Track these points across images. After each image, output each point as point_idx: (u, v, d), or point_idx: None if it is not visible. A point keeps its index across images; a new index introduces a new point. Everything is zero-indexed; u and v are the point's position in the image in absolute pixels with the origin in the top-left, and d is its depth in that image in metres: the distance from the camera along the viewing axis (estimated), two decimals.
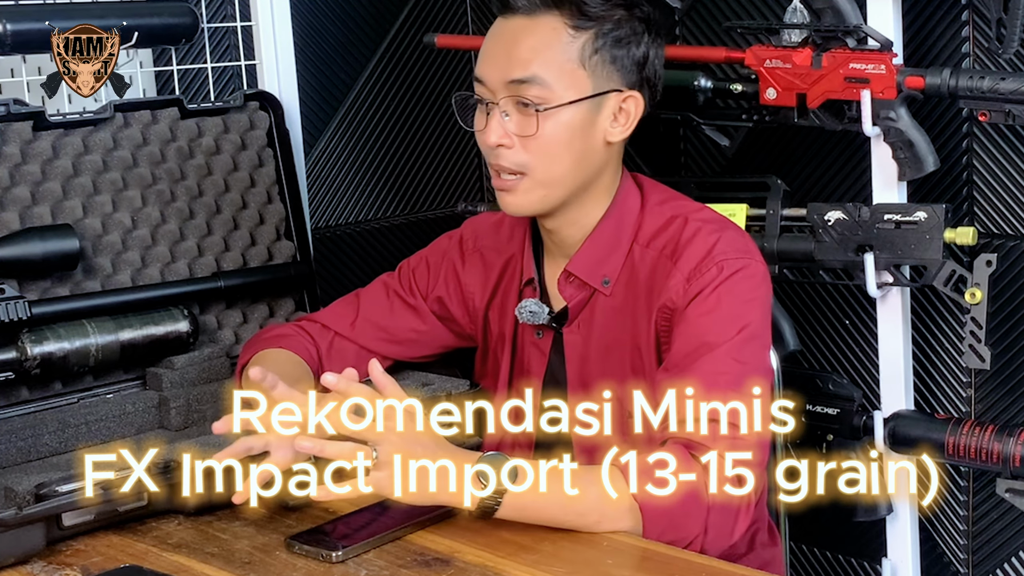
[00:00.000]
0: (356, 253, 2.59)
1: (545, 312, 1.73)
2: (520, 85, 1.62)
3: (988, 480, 2.14)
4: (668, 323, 1.65)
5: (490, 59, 1.66)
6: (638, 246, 1.70)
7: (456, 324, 1.87)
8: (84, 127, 1.94)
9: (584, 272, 1.71)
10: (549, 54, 1.62)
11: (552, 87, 1.62)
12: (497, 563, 1.39)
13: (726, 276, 1.61)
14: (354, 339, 1.85)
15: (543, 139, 1.62)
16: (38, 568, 1.44)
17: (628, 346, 1.70)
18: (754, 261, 1.65)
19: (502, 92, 1.63)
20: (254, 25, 2.22)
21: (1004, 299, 2.09)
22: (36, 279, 1.85)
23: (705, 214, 1.70)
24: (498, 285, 1.83)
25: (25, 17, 1.83)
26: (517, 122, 1.63)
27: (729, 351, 1.58)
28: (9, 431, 1.71)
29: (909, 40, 2.06)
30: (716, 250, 1.63)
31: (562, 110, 1.62)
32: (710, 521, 1.49)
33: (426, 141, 2.69)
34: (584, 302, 1.72)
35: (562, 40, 1.62)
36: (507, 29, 1.66)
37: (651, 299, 1.67)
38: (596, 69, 1.63)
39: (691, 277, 1.62)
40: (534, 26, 1.63)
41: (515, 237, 1.82)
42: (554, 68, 1.62)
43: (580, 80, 1.63)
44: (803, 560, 2.41)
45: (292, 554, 1.43)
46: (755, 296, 1.63)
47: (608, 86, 1.65)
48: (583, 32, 1.62)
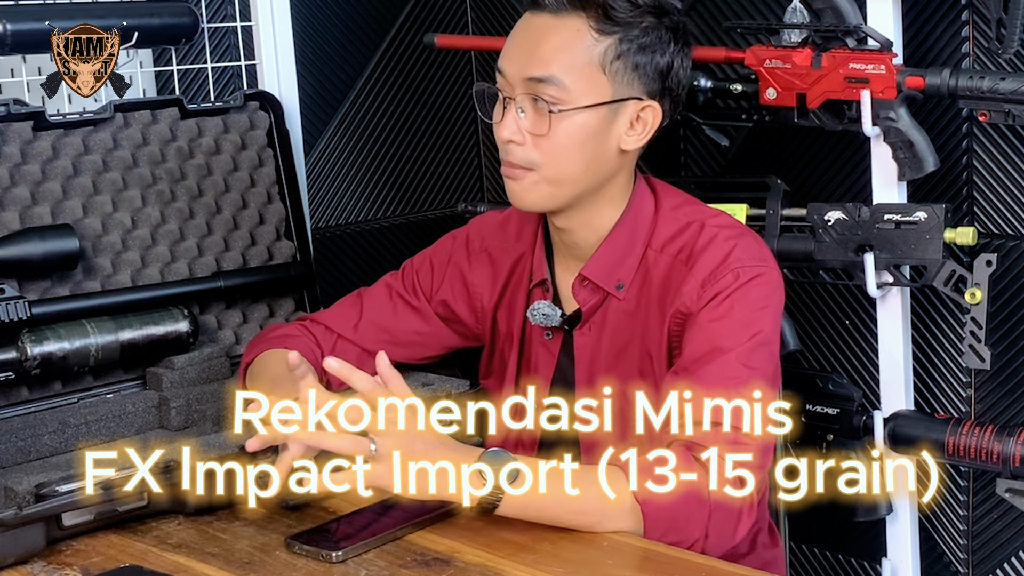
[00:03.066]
0: (356, 253, 2.59)
1: (558, 315, 1.73)
2: (538, 83, 1.61)
3: (988, 480, 2.14)
4: (681, 328, 1.64)
5: (513, 53, 1.65)
6: (652, 251, 1.69)
7: (461, 325, 1.87)
8: (84, 127, 1.94)
9: (599, 276, 1.70)
10: (570, 55, 1.61)
11: (569, 89, 1.60)
12: (497, 563, 1.39)
13: (742, 283, 1.61)
14: (357, 342, 1.84)
15: (554, 140, 1.62)
16: (38, 568, 1.44)
17: (639, 350, 1.70)
18: (770, 269, 1.65)
19: (520, 88, 1.62)
20: (254, 25, 2.22)
21: (1004, 299, 2.09)
22: (36, 279, 1.85)
23: (722, 219, 1.69)
24: (507, 284, 1.82)
25: (25, 17, 1.83)
26: (531, 120, 1.62)
27: (739, 356, 1.57)
28: (9, 431, 1.71)
29: (909, 40, 2.06)
30: (732, 257, 1.62)
31: (577, 113, 1.61)
32: (712, 523, 1.49)
33: (426, 141, 2.69)
34: (597, 305, 1.72)
35: (585, 42, 1.61)
36: (533, 25, 1.64)
37: (664, 304, 1.66)
38: (617, 75, 1.62)
39: (706, 283, 1.62)
40: (559, 25, 1.62)
41: (524, 236, 1.81)
42: (573, 70, 1.60)
43: (599, 84, 1.61)
44: (803, 560, 2.41)
45: (292, 554, 1.43)
46: (769, 304, 1.63)
47: (628, 93, 1.63)
48: (607, 36, 1.61)
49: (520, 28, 1.66)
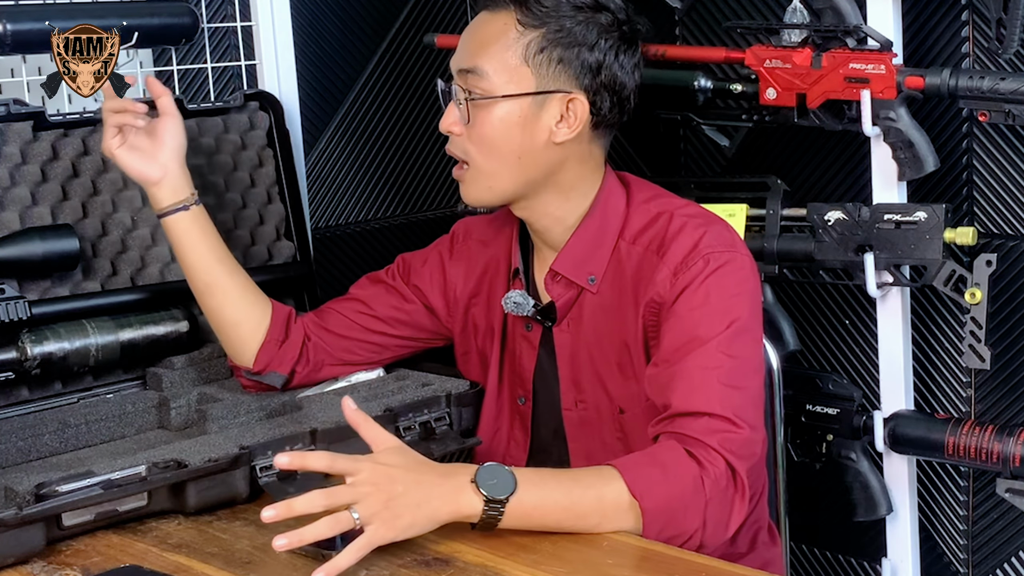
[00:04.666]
0: (356, 253, 2.59)
1: (530, 304, 1.74)
2: (467, 75, 1.68)
3: (988, 480, 2.14)
4: (656, 318, 1.65)
5: (457, 48, 1.72)
6: (624, 243, 1.71)
7: (434, 313, 1.89)
8: (84, 127, 1.94)
9: (569, 270, 1.72)
10: (494, 48, 1.66)
11: (492, 79, 1.66)
12: (497, 563, 1.39)
13: (713, 269, 1.62)
14: (339, 311, 1.89)
15: (479, 129, 1.67)
16: (38, 568, 1.44)
17: (617, 343, 1.71)
18: (740, 254, 1.66)
19: (457, 80, 1.69)
20: (254, 25, 2.22)
21: (1004, 299, 2.09)
22: (36, 279, 1.85)
23: (690, 209, 1.71)
24: (483, 277, 1.84)
25: (25, 17, 1.83)
26: (462, 111, 1.68)
27: (719, 345, 1.58)
28: (9, 431, 1.71)
29: (909, 40, 2.06)
30: (702, 244, 1.64)
31: (497, 103, 1.66)
32: (708, 512, 1.50)
33: (426, 141, 2.69)
34: (572, 301, 1.73)
35: (510, 36, 1.66)
36: (474, 22, 1.72)
37: (638, 295, 1.68)
38: (541, 68, 1.66)
39: (678, 271, 1.63)
40: (491, 20, 1.69)
41: (504, 232, 1.84)
42: (495, 61, 1.66)
43: (522, 77, 1.66)
44: (803, 560, 2.41)
45: (292, 554, 1.43)
46: (743, 290, 1.64)
47: (553, 86, 1.66)
48: (532, 30, 1.66)
49: (468, 26, 1.73)
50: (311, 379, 1.87)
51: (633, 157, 2.47)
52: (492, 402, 1.83)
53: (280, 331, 1.84)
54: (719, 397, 1.54)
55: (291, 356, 1.84)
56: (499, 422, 1.83)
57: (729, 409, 1.54)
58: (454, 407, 1.82)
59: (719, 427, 1.53)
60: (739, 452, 1.53)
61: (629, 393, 1.69)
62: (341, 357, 1.87)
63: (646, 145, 2.44)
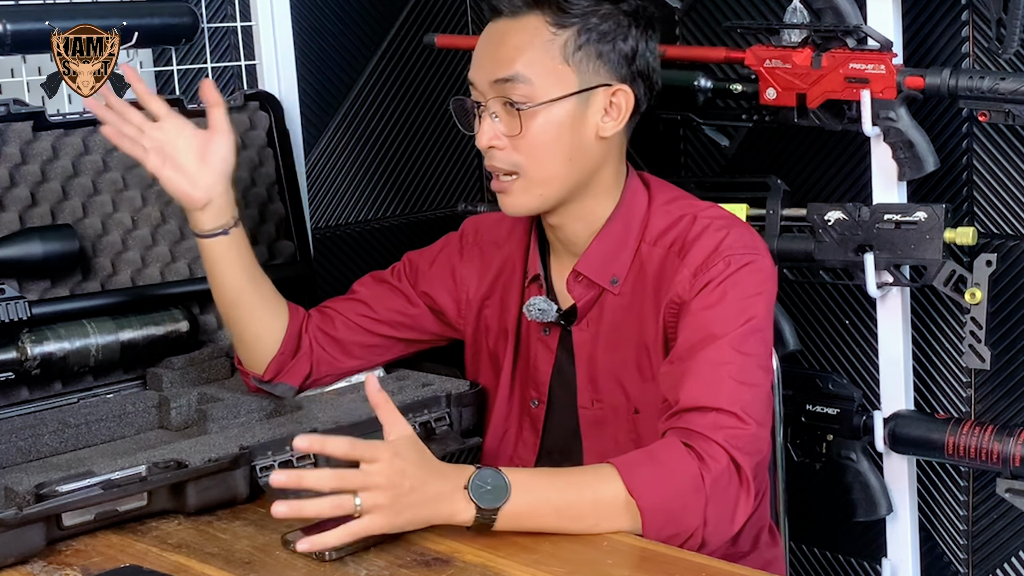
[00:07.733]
0: (356, 253, 2.59)
1: (554, 310, 1.74)
2: (505, 84, 1.64)
3: (988, 480, 2.14)
4: (675, 318, 1.65)
5: (478, 61, 1.68)
6: (646, 244, 1.70)
7: (443, 316, 1.88)
8: (84, 127, 1.94)
9: (593, 272, 1.71)
10: (531, 52, 1.64)
11: (535, 85, 1.63)
12: (497, 563, 1.39)
13: (733, 270, 1.62)
14: (341, 311, 1.87)
15: (530, 138, 1.64)
16: (38, 568, 1.44)
17: (636, 344, 1.70)
18: (761, 256, 1.66)
19: (490, 92, 1.65)
20: (254, 25, 2.22)
21: (1004, 299, 2.09)
22: (36, 279, 1.85)
23: (713, 211, 1.71)
24: (497, 280, 1.83)
25: (25, 17, 1.82)
26: (505, 122, 1.65)
27: (731, 342, 1.58)
28: (9, 431, 1.71)
29: (909, 40, 2.06)
30: (724, 245, 1.64)
31: (546, 108, 1.64)
32: (709, 511, 1.49)
33: (426, 141, 2.69)
34: (593, 301, 1.73)
35: (544, 38, 1.64)
36: (494, 31, 1.68)
37: (659, 296, 1.67)
38: (581, 65, 1.64)
39: (698, 271, 1.63)
40: (517, 26, 1.65)
41: (516, 233, 1.83)
42: (536, 66, 1.63)
43: (565, 77, 1.64)
44: (803, 560, 2.41)
45: (292, 554, 1.43)
46: (761, 291, 1.64)
47: (596, 81, 1.65)
48: (565, 29, 1.64)
49: (483, 37, 1.70)
50: (314, 387, 1.86)
51: (633, 157, 2.46)
52: (503, 404, 1.82)
53: (293, 342, 1.82)
54: (728, 393, 1.54)
55: (303, 370, 1.83)
56: (508, 423, 1.82)
57: (738, 405, 1.54)
58: (454, 407, 1.82)
59: (726, 423, 1.53)
60: (745, 448, 1.53)
61: (646, 394, 1.69)
62: (345, 367, 1.87)
63: (646, 145, 2.44)
